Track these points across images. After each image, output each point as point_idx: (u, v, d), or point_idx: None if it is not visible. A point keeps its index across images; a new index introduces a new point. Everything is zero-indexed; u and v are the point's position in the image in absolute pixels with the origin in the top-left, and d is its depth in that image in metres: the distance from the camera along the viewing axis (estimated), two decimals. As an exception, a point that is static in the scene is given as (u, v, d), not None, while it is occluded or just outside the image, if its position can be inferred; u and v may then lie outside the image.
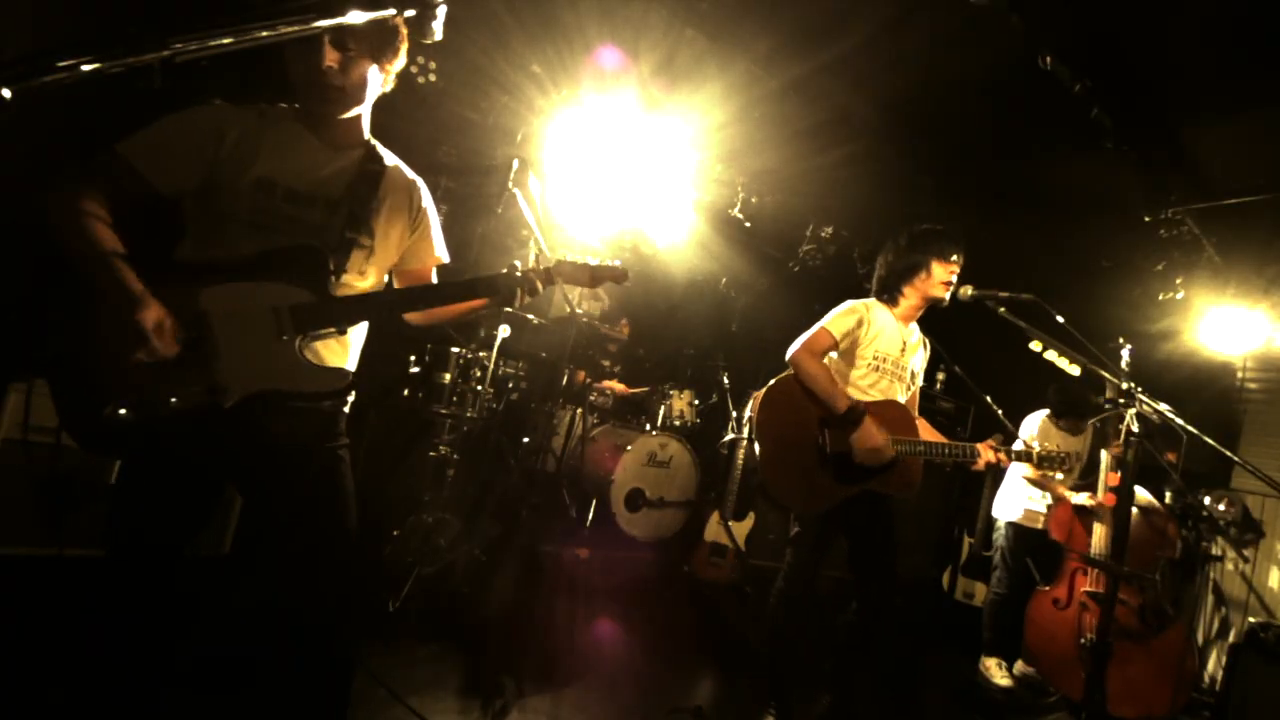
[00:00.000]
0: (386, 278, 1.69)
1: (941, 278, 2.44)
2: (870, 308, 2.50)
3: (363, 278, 1.54)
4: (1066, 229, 4.27)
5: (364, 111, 1.53)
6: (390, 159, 1.62)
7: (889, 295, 2.55)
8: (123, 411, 1.24)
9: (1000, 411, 2.67)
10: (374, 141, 1.59)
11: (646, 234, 4.53)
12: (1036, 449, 2.42)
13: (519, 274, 1.67)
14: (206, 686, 1.77)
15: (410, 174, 1.66)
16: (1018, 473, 3.68)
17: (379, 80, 1.49)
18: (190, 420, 1.29)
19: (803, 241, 4.95)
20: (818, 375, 2.35)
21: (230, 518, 2.72)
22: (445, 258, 1.76)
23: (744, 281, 5.54)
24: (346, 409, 1.58)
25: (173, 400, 1.27)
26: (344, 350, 1.53)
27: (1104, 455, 3.27)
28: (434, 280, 1.74)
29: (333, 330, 1.46)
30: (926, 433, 2.49)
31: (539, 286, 1.70)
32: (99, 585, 1.42)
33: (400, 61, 1.52)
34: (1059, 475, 2.38)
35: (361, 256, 1.51)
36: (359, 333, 1.58)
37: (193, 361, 1.29)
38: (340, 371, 1.47)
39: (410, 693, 2.12)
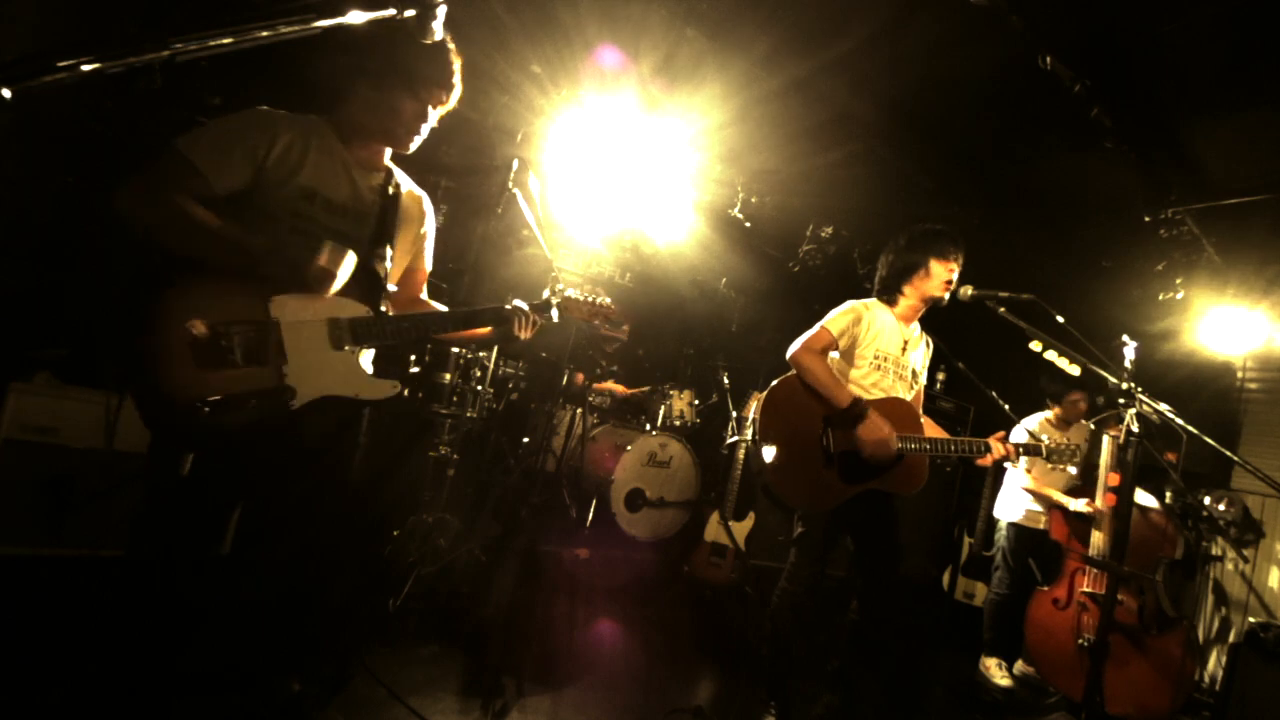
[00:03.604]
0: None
1: (941, 277, 2.45)
2: (870, 307, 2.50)
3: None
4: (1066, 229, 4.27)
5: None
6: (405, 181, 1.75)
7: (889, 295, 2.56)
8: (207, 410, 1.32)
9: (1007, 406, 2.68)
10: (392, 164, 1.73)
11: (646, 234, 4.53)
12: (1046, 440, 2.41)
13: (521, 308, 1.83)
14: (206, 687, 1.77)
15: (419, 191, 1.79)
16: (1018, 473, 3.68)
17: None
18: (260, 419, 1.39)
19: (803, 241, 4.94)
20: (818, 371, 2.36)
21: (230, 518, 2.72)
22: (430, 267, 1.91)
23: (744, 281, 5.53)
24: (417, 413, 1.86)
25: (253, 402, 1.37)
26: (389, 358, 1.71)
27: (1102, 460, 3.26)
28: (424, 289, 1.90)
29: (384, 343, 1.61)
30: (931, 430, 2.49)
31: (537, 322, 1.87)
32: (119, 586, 1.49)
33: None
34: (1071, 469, 2.37)
35: (392, 271, 1.67)
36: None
37: (261, 364, 1.40)
38: (393, 384, 1.61)
39: (410, 693, 2.12)
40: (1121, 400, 2.19)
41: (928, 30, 2.81)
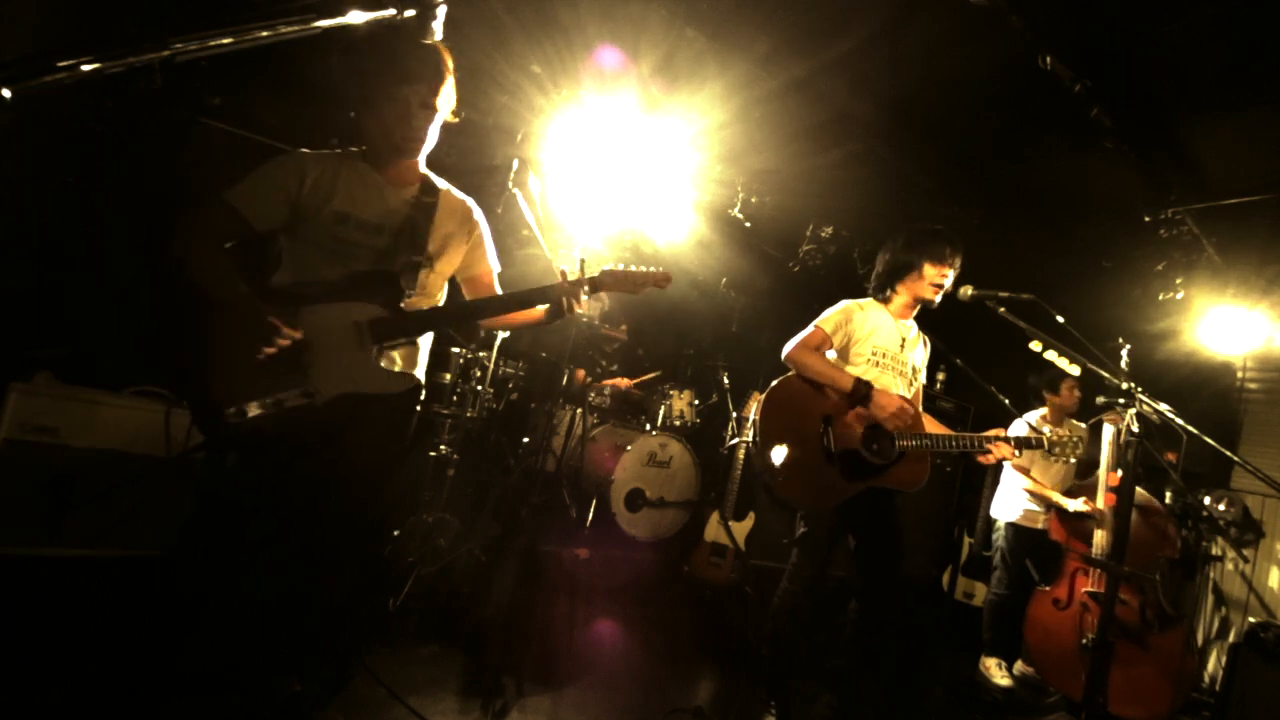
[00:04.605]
0: (446, 287, 1.92)
1: (932, 279, 2.46)
2: (863, 306, 2.52)
3: (426, 292, 1.79)
4: (1066, 229, 4.27)
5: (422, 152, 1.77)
6: (443, 186, 1.84)
7: (882, 293, 2.58)
8: (249, 412, 1.47)
9: (1007, 401, 2.68)
10: (429, 174, 1.82)
11: (646, 234, 4.52)
12: (1046, 433, 2.41)
13: (567, 284, 1.84)
14: (206, 687, 1.77)
15: (460, 195, 1.89)
16: (1016, 473, 3.68)
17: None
18: (291, 420, 1.53)
19: (803, 241, 4.94)
20: (815, 363, 2.37)
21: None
22: (497, 267, 2.00)
23: (744, 281, 5.53)
24: (417, 411, 1.92)
25: (282, 401, 1.52)
26: (414, 356, 1.80)
27: (1103, 458, 3.26)
28: (496, 284, 1.98)
29: (405, 340, 1.74)
30: (932, 427, 2.49)
31: (583, 296, 1.86)
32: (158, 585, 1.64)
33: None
34: (1072, 459, 2.37)
35: (424, 275, 1.75)
36: (426, 341, 1.85)
37: (292, 370, 1.55)
38: (411, 376, 1.77)
39: (410, 693, 2.12)
40: (1121, 400, 2.20)
41: (928, 30, 2.81)
